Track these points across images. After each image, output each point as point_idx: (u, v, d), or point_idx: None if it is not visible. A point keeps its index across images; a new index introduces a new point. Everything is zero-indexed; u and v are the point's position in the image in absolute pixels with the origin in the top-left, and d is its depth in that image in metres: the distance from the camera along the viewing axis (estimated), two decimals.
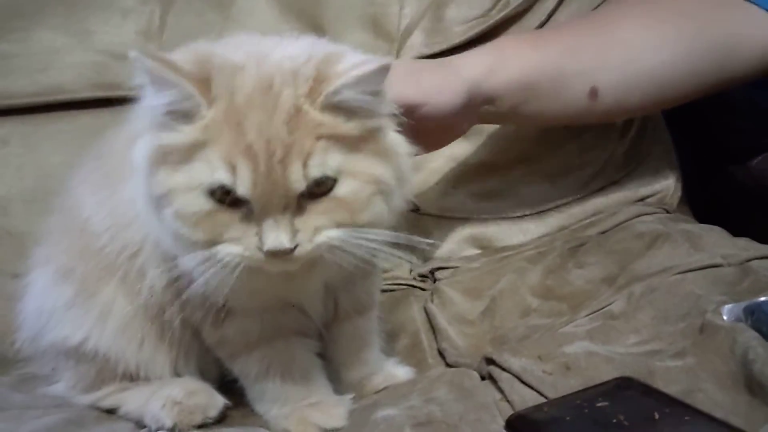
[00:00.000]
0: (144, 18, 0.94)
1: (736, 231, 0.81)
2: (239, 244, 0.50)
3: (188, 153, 0.50)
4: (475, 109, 0.75)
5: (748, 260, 0.70)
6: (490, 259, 0.86)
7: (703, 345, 0.56)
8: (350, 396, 0.63)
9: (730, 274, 0.67)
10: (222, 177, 0.48)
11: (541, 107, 0.78)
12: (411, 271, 0.91)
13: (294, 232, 0.50)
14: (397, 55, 0.95)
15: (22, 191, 0.89)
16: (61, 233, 0.65)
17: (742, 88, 0.87)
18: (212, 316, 0.58)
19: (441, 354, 0.70)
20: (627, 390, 0.52)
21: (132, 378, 0.64)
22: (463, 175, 0.95)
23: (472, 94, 0.72)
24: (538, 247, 0.86)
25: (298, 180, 0.49)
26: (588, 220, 0.90)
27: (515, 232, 0.92)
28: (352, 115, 0.51)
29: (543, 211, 0.93)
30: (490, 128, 0.95)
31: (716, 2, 0.79)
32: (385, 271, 0.90)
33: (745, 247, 0.73)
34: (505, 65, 0.75)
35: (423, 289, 0.86)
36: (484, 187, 0.95)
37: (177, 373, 0.65)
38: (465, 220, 0.94)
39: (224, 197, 0.49)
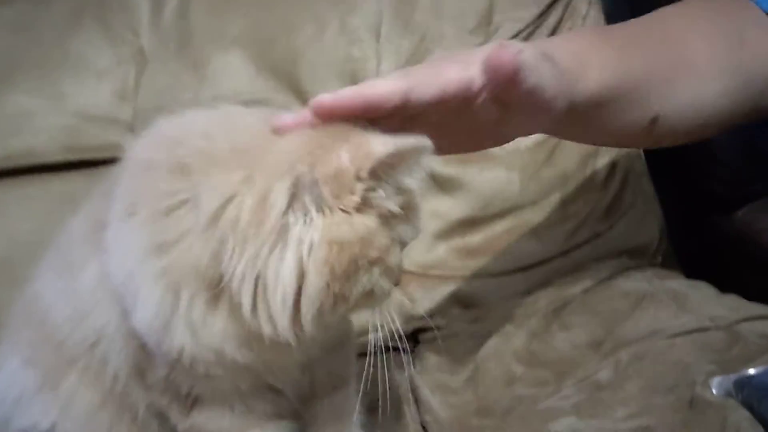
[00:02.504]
0: (119, 79, 0.94)
1: (722, 284, 0.80)
2: None
3: None
4: (559, 117, 0.62)
5: (737, 322, 0.68)
6: (472, 321, 0.84)
7: (693, 423, 0.54)
8: None
9: (719, 339, 0.66)
10: None
11: (602, 125, 0.68)
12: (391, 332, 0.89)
13: None
14: None
15: None
16: (23, 323, 0.63)
17: (726, 134, 0.86)
18: (179, 403, 0.56)
19: (424, 428, 0.68)
20: None
21: None
22: (445, 232, 0.94)
23: (570, 101, 0.61)
24: (521, 307, 0.84)
25: None
26: (572, 276, 0.88)
27: (499, 290, 0.90)
28: None
29: (527, 267, 0.92)
30: (471, 183, 0.94)
31: (762, 30, 0.72)
32: (363, 334, 0.88)
33: (732, 306, 0.72)
34: (588, 74, 0.63)
35: (404, 350, 0.83)
36: (467, 243, 0.93)
37: None
38: (447, 277, 0.92)
39: None
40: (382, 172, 0.47)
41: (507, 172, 0.93)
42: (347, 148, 0.47)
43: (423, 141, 0.48)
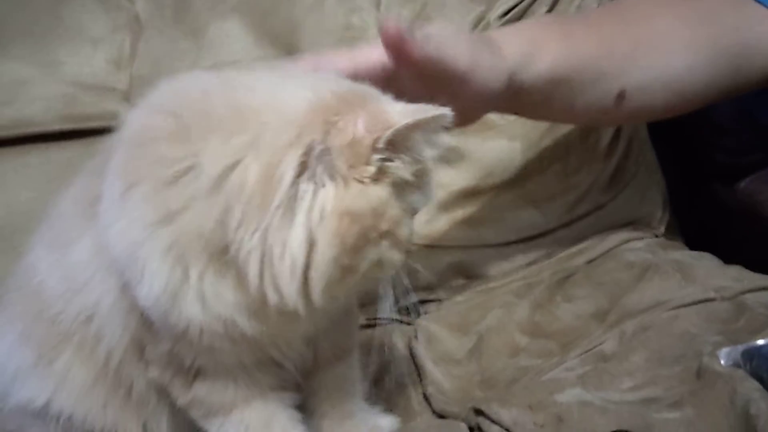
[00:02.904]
0: (115, 47, 0.92)
1: (725, 255, 0.79)
2: None
3: None
4: (503, 96, 0.66)
5: (742, 293, 0.68)
6: (475, 292, 0.84)
7: (702, 394, 0.54)
8: None
9: (725, 310, 0.65)
10: None
11: (564, 105, 0.72)
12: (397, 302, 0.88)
13: None
14: None
15: None
16: (17, 296, 0.62)
17: (728, 104, 0.86)
18: (181, 377, 0.55)
19: (426, 399, 0.67)
20: None
21: None
22: (447, 203, 0.93)
23: (510, 80, 0.65)
24: (525, 278, 0.84)
25: None
26: (575, 248, 0.88)
27: (501, 261, 0.90)
28: None
29: (528, 239, 0.91)
30: (473, 153, 0.93)
31: (734, 5, 0.75)
32: (364, 305, 0.88)
33: (737, 277, 0.72)
34: (540, 56, 0.67)
35: (407, 323, 0.83)
36: (469, 214, 0.92)
37: None
38: (449, 248, 0.92)
39: None
40: (399, 142, 0.46)
41: (509, 141, 0.92)
42: (363, 116, 0.46)
43: (443, 111, 0.47)
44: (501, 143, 0.92)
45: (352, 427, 0.62)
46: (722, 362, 0.56)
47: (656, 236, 0.91)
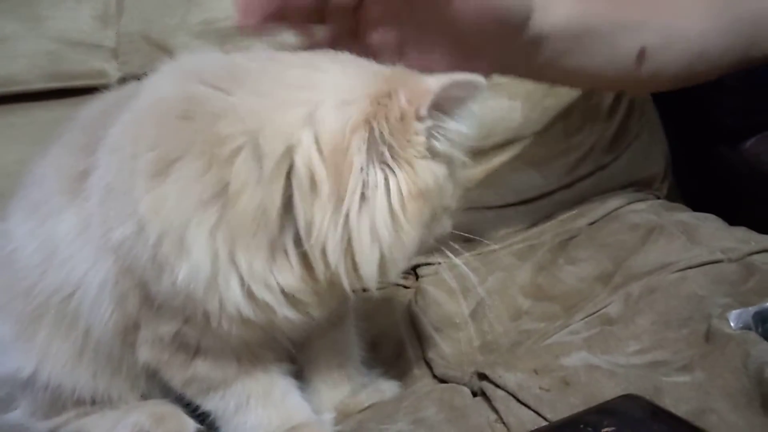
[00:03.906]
0: (100, 2, 0.89)
1: (729, 216, 0.78)
2: None
3: None
4: (521, 44, 0.60)
5: (750, 254, 0.66)
6: (475, 254, 0.82)
7: (712, 357, 0.52)
8: (332, 416, 0.59)
9: (732, 271, 0.64)
10: None
11: (583, 63, 0.66)
12: None
13: None
14: None
15: None
16: None
17: None
18: (180, 356, 0.53)
19: (427, 363, 0.66)
20: (634, 411, 0.48)
21: (93, 404, 0.60)
22: None
23: (531, 22, 0.59)
24: (526, 240, 0.82)
25: None
26: (577, 209, 0.86)
27: (501, 223, 0.88)
28: None
29: (529, 200, 0.89)
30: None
31: None
32: None
33: (744, 238, 0.70)
34: (552, 5, 0.61)
35: (405, 287, 0.81)
36: (468, 175, 0.90)
37: (141, 395, 0.60)
38: None
39: None
40: (440, 106, 0.47)
41: (509, 100, 0.90)
42: (404, 91, 0.46)
43: (477, 77, 0.47)
44: (501, 102, 0.89)
45: (351, 392, 0.61)
46: (732, 325, 0.54)
47: (658, 198, 0.89)
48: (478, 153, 0.90)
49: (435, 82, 0.46)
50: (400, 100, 0.46)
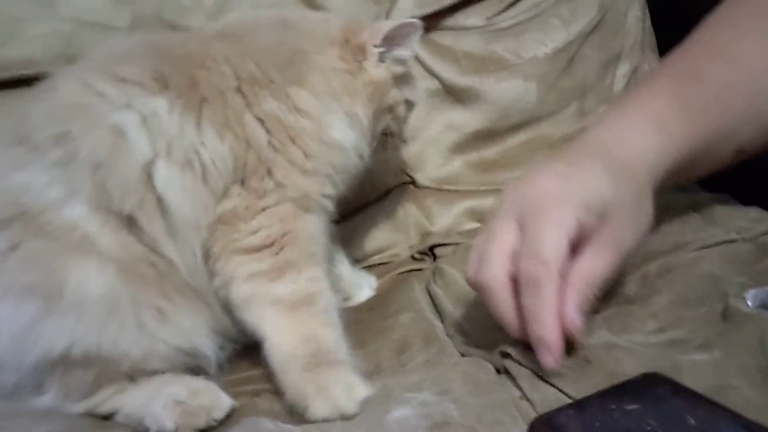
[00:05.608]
0: None
1: (738, 196, 0.78)
2: None
3: None
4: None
5: (763, 234, 0.67)
6: None
7: (730, 336, 0.53)
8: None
9: (747, 251, 0.65)
10: None
11: (690, 175, 0.69)
12: (410, 248, 0.88)
13: None
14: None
15: None
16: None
17: None
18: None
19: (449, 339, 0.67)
20: (656, 389, 0.49)
21: (132, 377, 0.61)
22: (460, 145, 0.91)
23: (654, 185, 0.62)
24: None
25: None
26: None
27: None
28: None
29: None
30: (488, 94, 0.91)
31: None
32: (382, 250, 0.87)
33: (757, 218, 0.71)
34: (672, 144, 0.63)
35: (422, 270, 0.82)
36: (483, 156, 0.91)
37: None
38: (463, 192, 0.90)
39: None
40: (389, 40, 0.72)
41: (525, 82, 0.90)
42: (368, 30, 0.73)
43: (414, 21, 0.73)
44: (516, 83, 0.90)
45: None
46: (749, 304, 0.55)
47: None
48: (493, 135, 0.91)
49: (386, 26, 0.73)
50: (362, 36, 0.72)
